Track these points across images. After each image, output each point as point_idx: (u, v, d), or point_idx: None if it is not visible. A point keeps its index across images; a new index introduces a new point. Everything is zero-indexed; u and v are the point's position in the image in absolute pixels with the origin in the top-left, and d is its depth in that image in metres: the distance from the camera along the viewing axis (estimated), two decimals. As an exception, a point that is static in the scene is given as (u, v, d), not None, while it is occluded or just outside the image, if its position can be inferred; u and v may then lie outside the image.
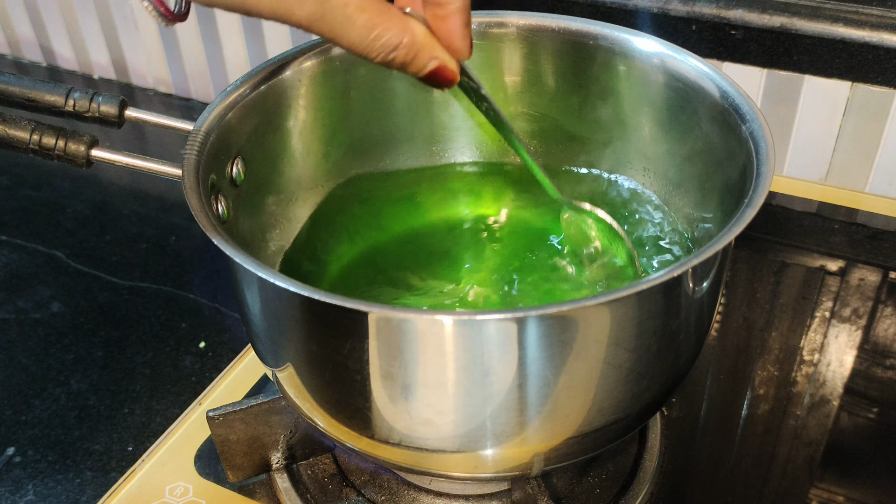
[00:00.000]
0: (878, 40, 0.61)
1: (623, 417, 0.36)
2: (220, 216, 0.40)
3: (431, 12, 0.35)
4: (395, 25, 0.33)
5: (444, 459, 0.36)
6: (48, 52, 1.01)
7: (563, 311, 0.31)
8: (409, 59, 0.34)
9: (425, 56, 0.34)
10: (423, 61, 0.34)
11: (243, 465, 0.46)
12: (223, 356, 0.58)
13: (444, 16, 0.35)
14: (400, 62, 0.34)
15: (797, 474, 0.47)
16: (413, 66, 0.34)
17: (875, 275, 0.60)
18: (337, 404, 0.37)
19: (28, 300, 0.64)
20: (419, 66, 0.34)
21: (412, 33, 0.33)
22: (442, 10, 0.35)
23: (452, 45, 0.35)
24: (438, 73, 0.35)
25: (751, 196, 0.34)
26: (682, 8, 0.65)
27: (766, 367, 0.53)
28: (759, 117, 0.38)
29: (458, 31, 0.35)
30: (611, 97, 0.48)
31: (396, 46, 0.33)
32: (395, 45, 0.33)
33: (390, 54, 0.33)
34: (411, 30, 0.33)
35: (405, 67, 0.34)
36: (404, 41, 0.33)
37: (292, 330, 0.35)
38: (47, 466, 0.51)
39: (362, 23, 0.32)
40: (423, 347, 0.32)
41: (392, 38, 0.33)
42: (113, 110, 0.39)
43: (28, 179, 0.79)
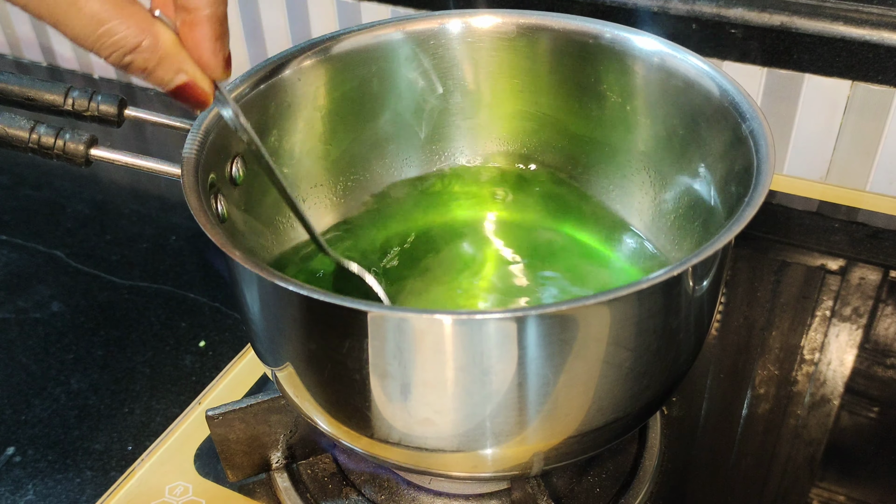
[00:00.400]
0: (879, 39, 0.61)
1: (623, 416, 0.36)
2: (220, 216, 0.40)
3: (180, 18, 0.31)
4: (134, 24, 0.29)
5: (444, 459, 0.36)
6: (48, 51, 1.01)
7: (563, 311, 0.31)
8: (151, 68, 0.30)
9: (170, 67, 0.30)
10: (167, 73, 0.31)
11: (243, 464, 0.46)
12: (223, 355, 0.58)
13: (193, 22, 0.31)
14: (140, 68, 0.30)
15: (798, 473, 0.47)
16: (156, 76, 0.31)
17: (876, 274, 0.60)
18: (336, 404, 0.37)
19: (28, 300, 0.64)
20: (163, 77, 0.31)
21: (154, 37, 0.30)
22: (190, 15, 0.31)
23: (202, 58, 0.31)
24: (187, 90, 0.32)
25: (751, 195, 0.34)
26: (682, 6, 0.65)
27: (766, 366, 0.53)
28: (759, 116, 0.38)
29: (207, 42, 0.31)
30: (610, 95, 0.48)
31: (134, 48, 0.29)
32: (132, 47, 0.29)
33: (126, 56, 0.29)
34: (154, 33, 0.30)
35: (147, 76, 0.31)
36: (144, 43, 0.29)
37: (291, 329, 0.35)
38: (47, 466, 0.51)
39: (90, 12, 0.28)
40: (422, 347, 0.32)
41: (127, 38, 0.29)
42: (112, 109, 0.39)
43: (28, 179, 0.79)
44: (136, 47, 0.29)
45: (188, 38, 0.31)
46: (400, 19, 0.48)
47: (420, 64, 0.49)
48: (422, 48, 0.49)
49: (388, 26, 0.48)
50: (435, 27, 0.48)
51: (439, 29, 0.48)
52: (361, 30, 0.48)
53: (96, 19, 0.28)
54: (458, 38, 0.49)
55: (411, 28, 0.48)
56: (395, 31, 0.48)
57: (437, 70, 0.50)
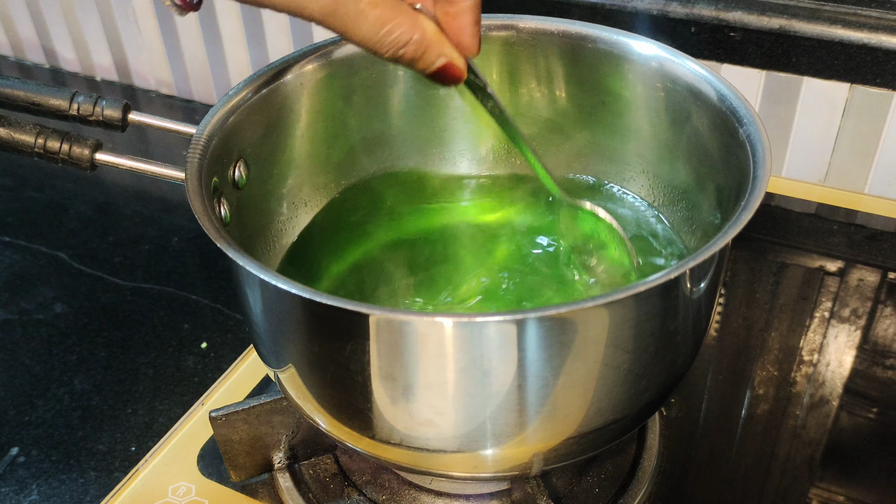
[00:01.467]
0: (877, 42, 0.61)
1: (622, 418, 0.37)
2: (223, 219, 0.40)
3: (442, 9, 0.35)
4: (406, 21, 0.33)
5: (445, 459, 0.36)
6: (51, 53, 1.01)
7: (562, 313, 0.31)
8: (419, 56, 0.34)
9: (434, 53, 0.35)
10: (431, 58, 0.35)
11: (246, 464, 0.46)
12: (225, 357, 0.58)
13: (456, 13, 0.35)
14: (409, 58, 0.34)
15: (797, 474, 0.47)
16: (422, 62, 0.35)
17: (874, 275, 0.60)
18: (338, 405, 0.37)
19: (31, 301, 0.64)
20: (428, 62, 0.35)
21: (422, 30, 0.34)
22: (453, 7, 0.35)
23: (462, 41, 0.36)
24: (446, 69, 0.35)
25: (747, 198, 0.35)
26: (681, 10, 0.65)
27: (765, 367, 0.54)
28: (755, 120, 0.39)
29: (468, 28, 0.36)
30: (609, 100, 0.48)
31: (406, 42, 0.33)
32: (406, 42, 0.33)
33: (400, 50, 0.34)
34: (421, 26, 0.34)
35: (414, 64, 0.35)
36: (414, 37, 0.33)
37: (294, 331, 0.36)
38: (51, 466, 0.51)
39: (374, 18, 0.32)
40: (423, 349, 0.32)
41: (402, 35, 0.33)
42: (117, 114, 0.39)
43: (31, 181, 0.79)
44: (409, 41, 0.33)
45: (450, 26, 0.35)
46: (401, 23, 0.48)
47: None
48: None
49: (390, 31, 0.48)
50: (436, 31, 0.49)
51: (440, 33, 0.49)
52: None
53: (378, 23, 0.32)
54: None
55: (412, 32, 0.48)
56: (397, 36, 0.48)
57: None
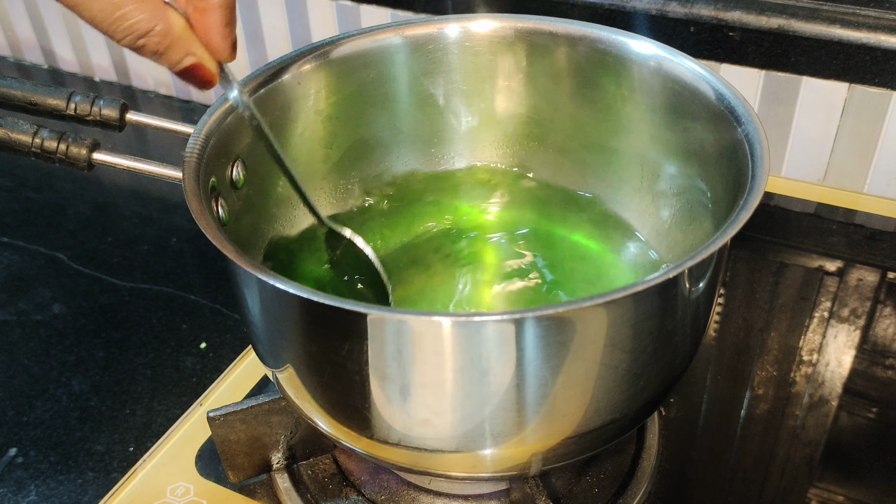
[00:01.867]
0: (876, 42, 0.61)
1: (620, 417, 0.37)
2: (221, 219, 0.40)
3: (192, 4, 0.34)
4: (148, 10, 0.31)
5: (443, 459, 0.36)
6: (49, 54, 1.01)
7: (560, 313, 0.31)
8: (162, 50, 0.33)
9: (180, 50, 0.33)
10: (177, 55, 0.33)
11: (244, 465, 0.46)
12: (224, 357, 0.58)
13: (204, 9, 0.34)
14: (151, 51, 0.33)
15: (796, 474, 0.47)
16: (166, 58, 0.33)
17: (873, 275, 0.60)
18: (336, 405, 0.37)
19: (29, 302, 0.64)
20: (173, 59, 0.33)
21: (167, 21, 0.32)
22: (202, 2, 0.34)
23: (211, 42, 0.34)
24: (195, 70, 0.34)
25: (746, 198, 0.35)
26: (680, 10, 0.65)
27: (765, 367, 0.54)
28: (754, 119, 0.39)
29: (217, 28, 0.34)
30: (607, 99, 0.48)
31: (147, 32, 0.32)
32: (145, 31, 0.32)
33: (140, 40, 0.32)
34: (166, 18, 0.32)
35: (158, 58, 0.33)
36: (157, 28, 0.32)
37: (292, 331, 0.36)
38: (49, 467, 0.51)
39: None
40: (421, 348, 0.32)
41: (141, 23, 0.31)
42: (114, 114, 0.39)
43: (29, 181, 0.79)
44: (149, 31, 0.32)
45: (199, 24, 0.34)
46: (399, 24, 0.49)
47: (419, 68, 0.50)
48: (421, 52, 0.49)
49: (388, 31, 0.48)
50: (434, 31, 0.49)
51: (438, 33, 0.49)
52: (361, 34, 0.48)
53: (113, 4, 0.31)
54: (456, 42, 0.49)
55: (410, 32, 0.48)
56: (395, 36, 0.48)
57: (435, 74, 0.50)
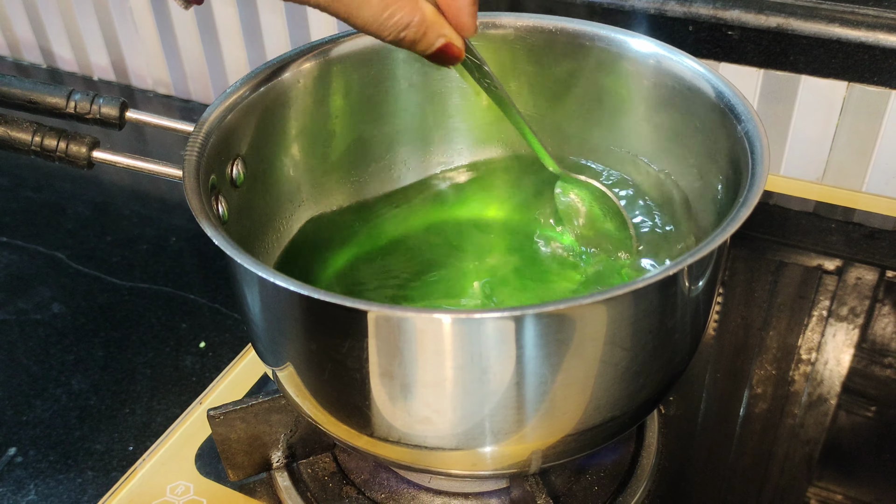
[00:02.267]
0: (874, 40, 0.61)
1: (620, 415, 0.37)
2: (221, 217, 0.40)
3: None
4: (407, 4, 0.35)
5: (443, 457, 0.36)
6: (48, 53, 1.01)
7: (560, 310, 0.31)
8: (419, 38, 0.36)
9: (433, 34, 0.36)
10: (431, 39, 0.36)
11: (244, 463, 0.46)
12: (223, 356, 0.58)
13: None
14: (410, 40, 0.36)
15: (795, 473, 0.47)
16: (422, 43, 0.36)
17: (872, 274, 0.61)
18: (336, 403, 0.37)
19: (29, 301, 0.64)
20: (427, 43, 0.36)
21: (422, 12, 0.35)
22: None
23: (460, 22, 0.37)
24: (445, 50, 0.37)
25: (746, 195, 0.35)
26: (678, 9, 0.65)
27: (763, 365, 0.54)
28: (753, 117, 0.39)
29: (465, 8, 0.37)
30: (607, 98, 0.48)
31: (407, 25, 0.35)
32: (407, 24, 0.35)
33: (401, 33, 0.35)
34: (421, 9, 0.35)
35: (415, 45, 0.36)
36: (415, 20, 0.35)
37: (292, 329, 0.36)
38: (49, 466, 0.51)
39: (376, 2, 0.34)
40: (421, 346, 0.32)
41: (403, 17, 0.35)
42: (114, 112, 0.39)
43: (29, 181, 0.79)
44: (409, 24, 0.35)
45: (449, 7, 0.37)
46: (399, 22, 0.48)
47: (419, 66, 0.50)
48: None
49: (387, 29, 0.48)
50: (433, 30, 0.49)
51: (438, 31, 0.49)
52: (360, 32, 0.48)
53: (380, 7, 0.34)
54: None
55: (410, 30, 0.48)
56: (394, 34, 0.48)
57: (435, 72, 0.50)
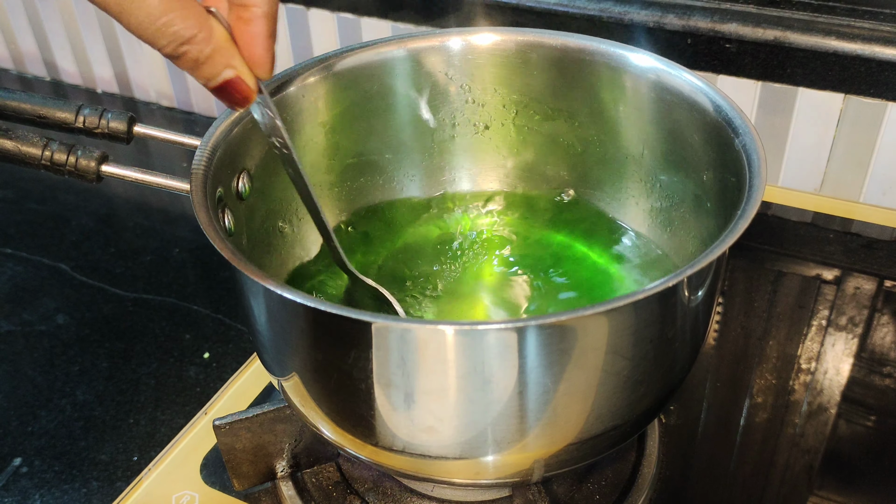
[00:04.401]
0: (871, 53, 0.62)
1: (621, 424, 0.37)
2: (227, 229, 0.40)
3: (235, 14, 0.32)
4: (192, 17, 0.31)
5: (447, 466, 0.37)
6: (52, 66, 1.02)
7: (562, 321, 0.32)
8: (203, 60, 0.32)
9: (220, 61, 0.32)
10: (216, 67, 0.32)
11: (249, 473, 0.46)
12: (227, 367, 0.58)
13: (249, 19, 0.32)
14: (192, 60, 0.31)
15: (796, 482, 0.48)
16: (205, 69, 0.32)
17: (870, 283, 0.61)
18: (341, 413, 0.37)
19: (33, 312, 0.65)
20: (212, 71, 0.32)
21: (209, 31, 0.31)
22: (247, 11, 0.32)
23: (254, 54, 0.33)
24: (232, 85, 0.33)
25: (744, 207, 0.35)
26: (677, 22, 0.66)
27: (763, 375, 0.54)
28: (751, 131, 0.39)
29: (261, 38, 0.33)
30: (606, 111, 0.49)
31: (190, 39, 0.31)
32: (189, 38, 0.31)
33: (181, 47, 0.31)
34: (209, 26, 0.31)
35: (196, 70, 0.32)
36: (199, 35, 0.31)
37: (298, 340, 0.36)
38: (54, 476, 0.51)
39: (153, 4, 0.30)
40: (425, 356, 0.33)
41: (185, 29, 0.30)
42: (122, 126, 0.40)
43: (33, 193, 0.80)
44: (192, 39, 0.31)
45: (242, 34, 0.32)
46: (402, 37, 0.49)
47: (421, 80, 0.50)
48: (423, 65, 0.50)
49: (391, 44, 0.49)
50: (436, 44, 0.49)
51: (440, 46, 0.49)
52: (364, 47, 0.48)
53: (157, 11, 0.30)
54: (458, 55, 0.50)
55: (413, 45, 0.49)
56: (398, 49, 0.49)
57: (438, 86, 0.51)
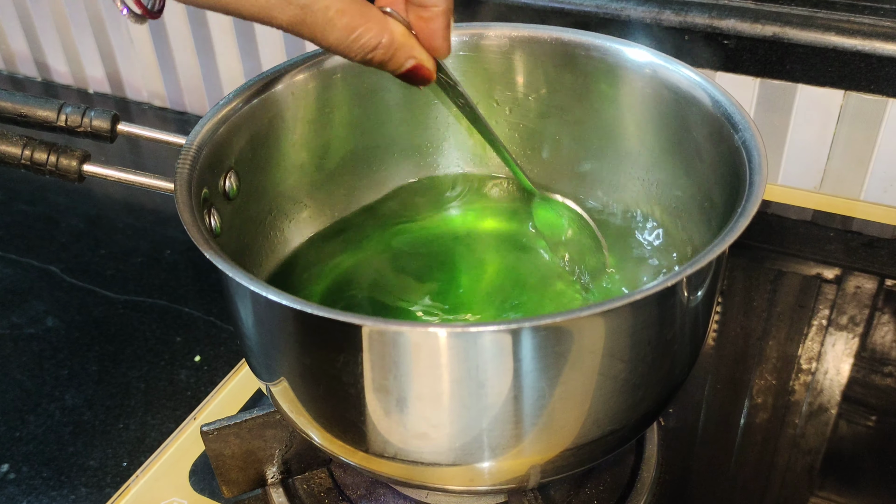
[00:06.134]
0: (870, 49, 0.61)
1: (619, 428, 0.36)
2: (214, 230, 0.40)
3: (415, 13, 0.36)
4: (375, 26, 0.34)
5: (441, 473, 0.36)
6: (43, 67, 1.01)
7: (558, 322, 0.31)
8: (388, 58, 0.35)
9: (402, 55, 0.36)
10: (400, 60, 0.36)
11: (238, 479, 0.46)
12: (218, 370, 0.58)
13: (429, 17, 0.36)
14: (378, 61, 0.35)
15: (796, 483, 0.47)
16: (391, 64, 0.36)
17: (871, 282, 0.60)
18: (331, 418, 0.36)
19: (22, 315, 0.64)
20: (397, 64, 0.36)
21: (391, 33, 0.35)
22: (427, 11, 0.36)
23: (433, 44, 0.37)
24: (415, 71, 0.37)
25: (744, 205, 0.34)
26: (674, 18, 0.65)
27: (763, 375, 0.53)
28: (751, 126, 0.38)
29: (440, 31, 0.37)
30: (604, 108, 0.48)
31: (376, 47, 0.34)
32: (375, 46, 0.34)
33: (369, 54, 0.35)
34: (390, 30, 0.35)
35: (384, 65, 0.36)
36: (383, 41, 0.35)
37: (286, 344, 0.35)
38: (42, 483, 0.51)
39: (343, 25, 0.33)
40: (417, 360, 0.32)
41: (371, 39, 0.34)
42: (105, 125, 0.39)
43: (22, 194, 0.79)
44: (378, 45, 0.35)
45: (423, 30, 0.36)
46: (393, 33, 0.48)
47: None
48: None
49: (382, 40, 0.48)
50: (428, 40, 0.49)
51: (432, 42, 0.49)
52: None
53: (347, 30, 0.33)
54: (451, 51, 0.49)
55: (404, 41, 0.48)
56: (389, 45, 0.48)
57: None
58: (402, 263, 0.50)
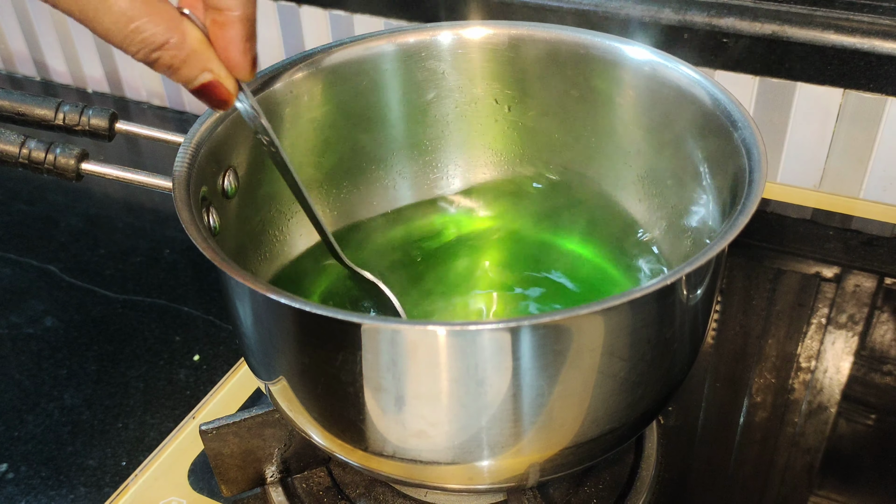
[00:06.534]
0: (870, 47, 0.61)
1: (619, 427, 0.36)
2: (212, 229, 0.39)
3: (211, 18, 0.31)
4: (163, 21, 0.29)
5: (439, 471, 0.36)
6: (42, 66, 1.01)
7: (557, 321, 0.31)
8: (178, 64, 0.30)
9: (196, 66, 0.31)
10: (193, 71, 0.31)
11: (237, 479, 0.46)
12: (217, 369, 0.58)
13: (224, 22, 0.31)
14: (166, 65, 0.30)
15: (796, 482, 0.47)
16: (181, 74, 0.31)
17: (870, 281, 0.60)
18: (330, 417, 0.36)
19: (21, 315, 0.64)
20: (188, 75, 0.31)
21: (182, 34, 0.30)
22: (221, 15, 0.31)
23: (231, 58, 0.32)
24: (210, 88, 0.32)
25: (743, 203, 0.34)
26: (673, 16, 0.65)
27: (763, 374, 0.53)
28: (750, 124, 0.38)
29: (237, 42, 0.31)
30: (602, 106, 0.48)
31: (162, 45, 0.29)
32: (161, 44, 0.29)
33: (153, 53, 0.30)
34: (182, 31, 0.30)
35: (172, 74, 0.31)
36: (172, 41, 0.30)
37: (284, 343, 0.35)
38: (41, 482, 0.51)
39: (121, 10, 0.28)
40: (415, 359, 0.32)
41: (156, 35, 0.29)
42: (103, 123, 0.39)
43: (21, 194, 0.79)
44: (164, 44, 0.30)
45: (218, 38, 0.31)
46: (391, 31, 0.48)
47: (412, 75, 0.49)
48: (413, 60, 0.49)
49: (380, 38, 0.48)
50: (427, 39, 0.49)
51: (431, 41, 0.49)
52: (353, 42, 0.48)
53: (126, 17, 0.29)
54: (449, 49, 0.49)
55: (403, 40, 0.48)
56: (387, 43, 0.48)
57: (428, 81, 0.50)
58: (401, 263, 0.49)
